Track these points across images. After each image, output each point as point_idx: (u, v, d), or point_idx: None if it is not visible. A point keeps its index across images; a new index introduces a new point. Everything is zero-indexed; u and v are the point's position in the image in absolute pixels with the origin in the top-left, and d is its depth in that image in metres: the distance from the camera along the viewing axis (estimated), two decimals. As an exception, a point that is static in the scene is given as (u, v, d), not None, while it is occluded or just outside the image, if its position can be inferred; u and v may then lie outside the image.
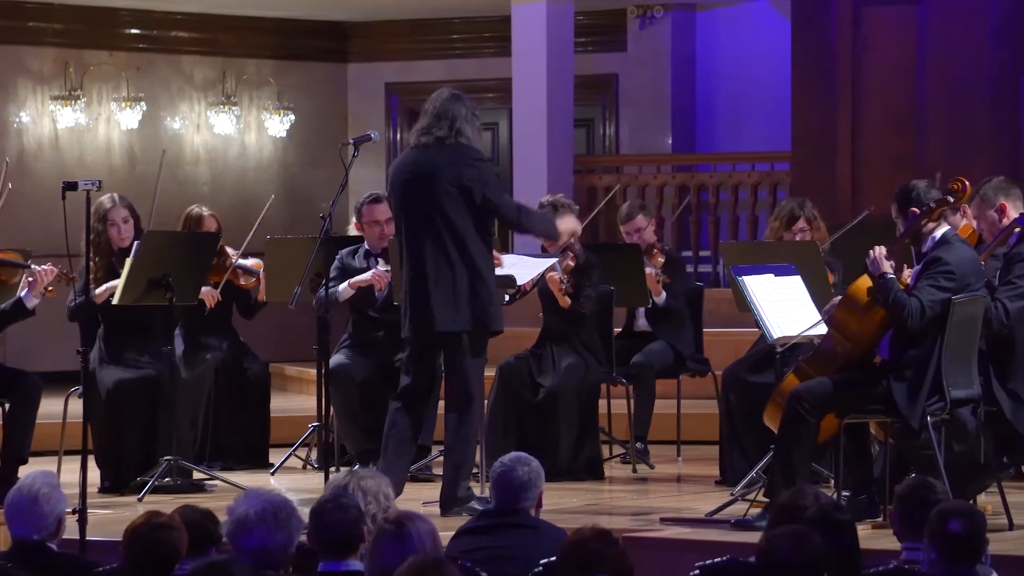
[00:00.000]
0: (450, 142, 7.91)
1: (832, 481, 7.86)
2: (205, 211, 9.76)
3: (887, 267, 7.36)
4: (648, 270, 9.71)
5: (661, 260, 9.83)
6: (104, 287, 8.93)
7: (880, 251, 7.40)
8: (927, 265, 7.38)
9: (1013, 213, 7.92)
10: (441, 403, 8.30)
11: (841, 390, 7.43)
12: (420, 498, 8.30)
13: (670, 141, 15.53)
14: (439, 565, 4.41)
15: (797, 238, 8.89)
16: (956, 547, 4.84)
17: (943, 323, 7.30)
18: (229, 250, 9.66)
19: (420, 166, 7.92)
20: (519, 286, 8.79)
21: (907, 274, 7.56)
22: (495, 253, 8.25)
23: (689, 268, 12.25)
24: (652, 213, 10.25)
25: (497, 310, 8.05)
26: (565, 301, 9.33)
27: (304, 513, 4.94)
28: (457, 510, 7.89)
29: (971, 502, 6.99)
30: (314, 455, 9.92)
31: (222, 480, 9.02)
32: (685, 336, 9.94)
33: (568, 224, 9.32)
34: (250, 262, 9.75)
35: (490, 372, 9.08)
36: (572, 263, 9.38)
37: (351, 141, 8.06)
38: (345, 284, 9.34)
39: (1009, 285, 7.67)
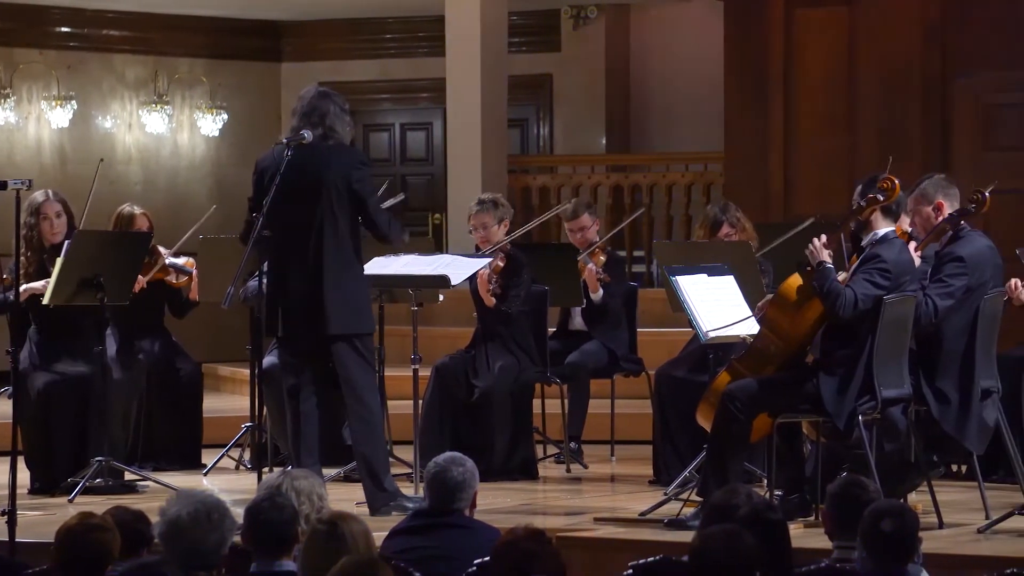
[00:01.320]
0: (331, 142, 7.89)
1: (765, 480, 7.89)
2: (137, 210, 9.70)
3: (826, 256, 7.41)
4: (589, 266, 9.74)
5: (603, 259, 9.87)
6: (25, 287, 8.81)
7: (820, 241, 7.44)
8: (865, 260, 7.43)
9: (948, 211, 7.99)
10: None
11: (773, 389, 7.46)
12: (354, 498, 8.28)
13: (604, 141, 15.57)
14: (373, 565, 4.40)
15: (723, 242, 8.95)
16: (888, 546, 4.86)
17: (875, 322, 7.35)
18: (161, 249, 9.61)
19: (304, 165, 7.86)
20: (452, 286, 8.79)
21: (842, 276, 7.59)
22: None
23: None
24: (598, 214, 10.28)
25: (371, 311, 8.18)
26: (490, 300, 9.33)
27: (237, 514, 4.91)
28: (386, 508, 7.85)
29: (902, 501, 7.04)
30: (247, 455, 9.88)
31: (154, 481, 8.97)
32: (619, 336, 9.97)
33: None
34: (182, 261, 9.69)
35: (425, 372, 9.08)
36: (501, 263, 9.38)
37: (284, 140, 8.01)
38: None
39: (939, 283, 7.73)
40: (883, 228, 7.49)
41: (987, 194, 7.95)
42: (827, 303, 7.34)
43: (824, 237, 7.47)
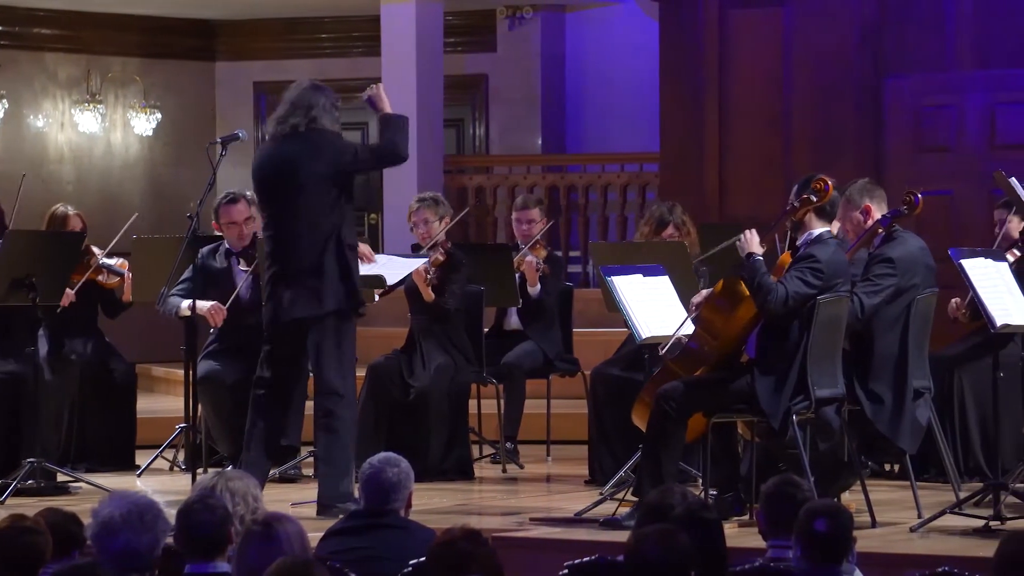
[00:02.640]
0: (302, 130, 7.86)
1: (700, 480, 7.92)
2: (70, 210, 9.64)
3: (758, 248, 7.43)
4: (529, 258, 9.75)
5: (543, 253, 9.90)
6: None
7: (754, 232, 7.47)
8: (799, 259, 7.46)
9: (877, 214, 8.05)
10: (309, 403, 8.26)
11: (708, 389, 7.49)
12: (289, 499, 8.25)
13: (540, 141, 15.58)
14: (307, 566, 4.39)
15: (667, 243, 8.98)
16: (822, 545, 4.88)
17: (808, 322, 7.38)
18: (95, 249, 9.54)
19: (280, 158, 7.86)
20: (388, 286, 8.77)
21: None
22: (368, 250, 8.22)
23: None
24: (546, 213, 10.29)
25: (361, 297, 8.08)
26: (429, 295, 9.32)
27: (171, 515, 4.89)
28: (335, 510, 7.82)
29: (836, 500, 7.08)
30: (181, 457, 9.83)
31: (87, 482, 8.90)
32: (555, 336, 9.98)
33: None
34: (115, 262, 9.63)
35: (360, 372, 9.05)
36: (441, 258, 9.38)
37: (219, 140, 8.00)
38: (186, 303, 9.06)
39: (867, 282, 7.80)
40: (818, 228, 7.53)
41: (919, 196, 8.01)
42: (757, 297, 7.37)
43: (755, 231, 7.49)
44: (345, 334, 7.99)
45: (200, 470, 8.75)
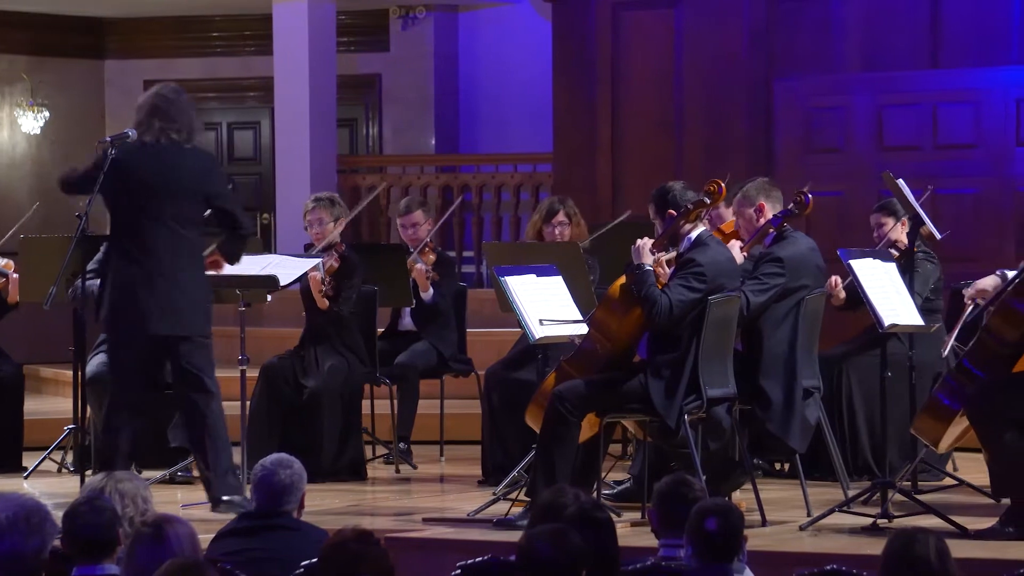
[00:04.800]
0: (188, 146, 7.83)
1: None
2: (-44, 209, 9.50)
3: (648, 259, 7.46)
4: (419, 266, 9.73)
5: (432, 258, 9.87)
6: None
7: (646, 242, 7.50)
8: (681, 265, 7.51)
9: (769, 213, 8.12)
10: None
11: (602, 389, 7.51)
12: (179, 501, 8.19)
13: (433, 142, 15.57)
14: (198, 568, 4.36)
15: (556, 232, 9.02)
16: (713, 544, 4.91)
17: (699, 322, 7.43)
18: (-20, 250, 9.43)
19: (162, 167, 7.78)
20: (281, 286, 8.73)
21: (664, 276, 7.66)
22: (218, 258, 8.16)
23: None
24: (431, 213, 10.28)
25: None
26: (323, 303, 9.28)
27: (58, 517, 4.83)
28: (226, 506, 7.75)
29: (727, 499, 7.12)
30: (70, 458, 9.72)
31: (-27, 485, 8.79)
32: (449, 336, 9.97)
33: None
34: (1, 262, 9.51)
35: (253, 373, 9.01)
36: (336, 264, 9.35)
37: (108, 139, 7.89)
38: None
39: (755, 280, 7.87)
40: (694, 231, 7.57)
41: (809, 196, 8.09)
42: (644, 308, 7.41)
43: (648, 240, 7.53)
44: (210, 346, 7.98)
45: (89, 472, 8.66)
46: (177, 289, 7.79)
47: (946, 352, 7.80)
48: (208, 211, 7.89)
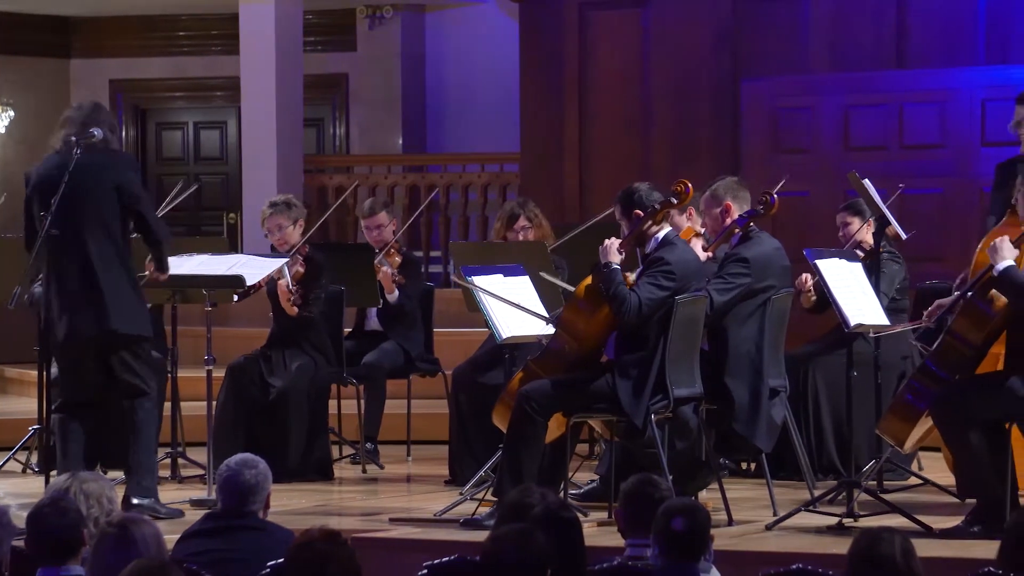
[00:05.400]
0: (101, 148, 7.81)
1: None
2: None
3: (615, 258, 7.47)
4: (384, 268, 9.71)
5: (398, 260, 9.85)
6: None
7: (613, 241, 7.51)
8: (649, 264, 7.52)
9: (736, 214, 8.13)
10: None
11: (569, 389, 7.51)
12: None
13: (400, 141, 15.56)
14: (163, 568, 4.35)
15: (520, 236, 9.01)
16: (679, 544, 4.92)
17: (667, 322, 7.44)
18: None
19: (76, 171, 7.77)
20: (248, 286, 8.71)
21: (632, 276, 7.67)
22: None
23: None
24: (395, 214, 10.27)
25: None
26: (292, 311, 9.26)
27: (19, 517, 4.82)
28: (136, 510, 7.69)
29: (694, 499, 7.13)
30: (35, 459, 9.68)
31: (-62, 486, 8.76)
32: (416, 336, 9.96)
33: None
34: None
35: (219, 373, 8.98)
36: (302, 269, 9.32)
37: (74, 139, 7.87)
38: None
39: (720, 279, 7.89)
40: (661, 231, 7.58)
41: (775, 196, 8.10)
42: (612, 307, 7.42)
43: (616, 240, 7.54)
44: (149, 348, 7.97)
45: (54, 472, 8.62)
46: (100, 292, 7.75)
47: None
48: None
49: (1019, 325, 7.18)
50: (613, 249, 7.49)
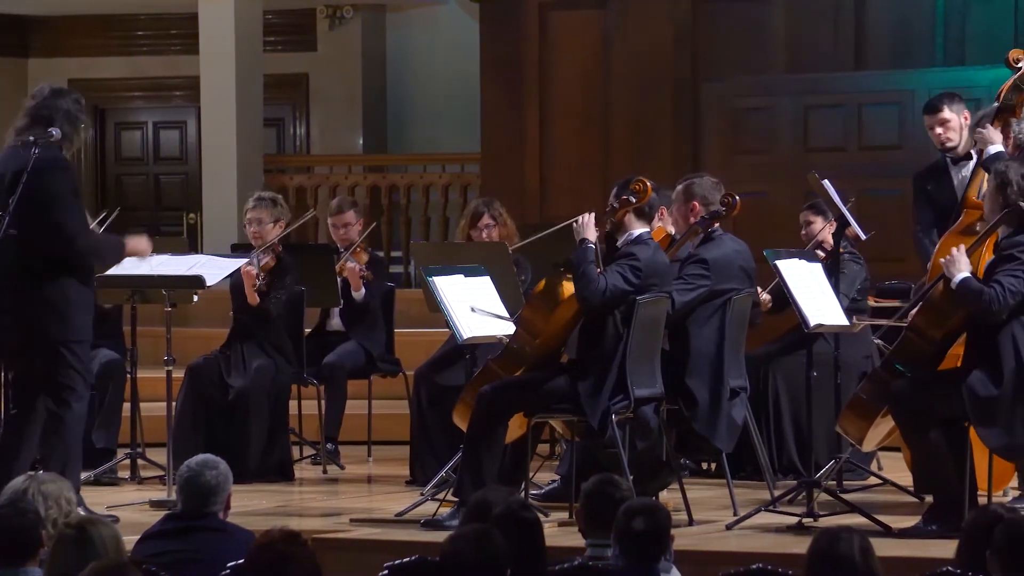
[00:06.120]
0: (42, 142, 7.64)
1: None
2: None
3: (591, 235, 7.48)
4: (351, 265, 9.70)
5: (365, 258, 9.87)
6: None
7: (590, 217, 7.52)
8: (620, 256, 7.53)
9: (700, 215, 8.14)
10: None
11: (529, 389, 7.52)
12: (104, 502, 8.14)
13: (361, 141, 15.54)
14: (122, 570, 4.34)
15: (484, 234, 9.02)
16: (640, 544, 4.93)
17: (627, 322, 7.45)
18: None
19: (11, 167, 7.67)
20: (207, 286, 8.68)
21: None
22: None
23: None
24: (362, 214, 10.25)
25: None
26: (254, 298, 9.25)
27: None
28: None
29: (654, 499, 7.15)
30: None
31: None
32: (377, 336, 9.96)
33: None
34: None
35: (179, 373, 8.96)
36: (273, 262, 9.32)
37: (31, 138, 7.83)
38: None
39: (680, 280, 7.91)
40: (637, 229, 7.60)
41: (737, 197, 8.13)
42: (578, 284, 7.41)
43: (592, 214, 7.54)
44: (86, 352, 7.76)
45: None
46: (28, 297, 7.51)
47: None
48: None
49: (978, 328, 7.23)
50: (591, 225, 7.50)
